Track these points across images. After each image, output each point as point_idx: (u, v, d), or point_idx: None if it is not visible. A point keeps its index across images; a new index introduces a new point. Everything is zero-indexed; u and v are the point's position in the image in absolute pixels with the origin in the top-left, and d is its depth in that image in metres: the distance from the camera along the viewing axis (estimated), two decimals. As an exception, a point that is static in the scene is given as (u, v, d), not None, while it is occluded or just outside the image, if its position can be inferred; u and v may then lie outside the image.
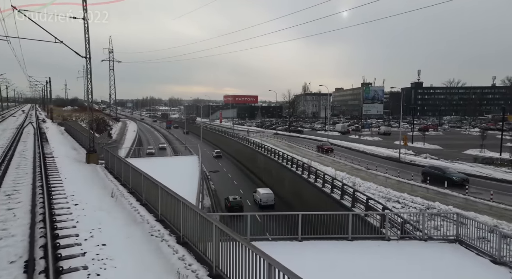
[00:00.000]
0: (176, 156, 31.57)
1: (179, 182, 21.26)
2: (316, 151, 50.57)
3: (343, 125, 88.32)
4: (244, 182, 44.64)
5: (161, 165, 27.71)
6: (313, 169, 27.49)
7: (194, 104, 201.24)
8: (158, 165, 27.74)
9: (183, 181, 20.90)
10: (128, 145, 58.78)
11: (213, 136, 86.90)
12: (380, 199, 21.71)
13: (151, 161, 29.60)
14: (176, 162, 29.59)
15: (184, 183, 19.97)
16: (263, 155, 44.64)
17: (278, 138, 70.83)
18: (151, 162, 28.82)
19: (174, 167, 26.79)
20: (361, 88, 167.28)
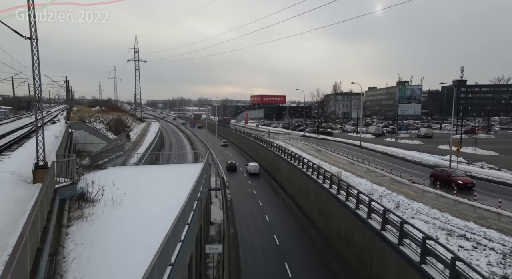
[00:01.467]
0: (180, 164, 27.08)
1: (163, 195, 17.58)
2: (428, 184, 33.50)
3: (377, 126, 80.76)
4: (265, 191, 39.55)
5: (157, 174, 23.44)
6: (344, 183, 21.89)
7: (221, 105, 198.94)
8: (154, 174, 23.52)
9: (170, 193, 17.70)
10: (145, 147, 55.77)
11: (236, 137, 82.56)
12: (437, 232, 15.84)
13: (148, 169, 25.35)
14: (177, 170, 25.19)
15: (169, 196, 16.74)
16: (286, 161, 39.34)
17: (305, 141, 65.03)
18: (146, 171, 24.61)
19: (170, 177, 22.40)
20: (396, 86, 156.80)
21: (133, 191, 18.17)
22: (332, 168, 33.42)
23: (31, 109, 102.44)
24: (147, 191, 18.18)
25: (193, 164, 25.89)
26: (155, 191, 18.33)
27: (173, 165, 27.14)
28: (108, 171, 24.23)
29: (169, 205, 14.38)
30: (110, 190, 17.06)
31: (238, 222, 29.16)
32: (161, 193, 17.87)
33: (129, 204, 15.62)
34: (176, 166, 26.70)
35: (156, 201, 16.32)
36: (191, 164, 26.73)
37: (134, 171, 24.73)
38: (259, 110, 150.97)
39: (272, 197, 36.92)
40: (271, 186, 42.07)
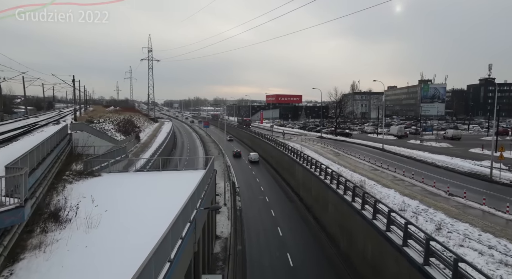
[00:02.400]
0: (183, 171, 24.17)
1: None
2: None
3: (399, 127, 75.92)
4: (278, 199, 36.28)
5: (153, 183, 20.69)
6: (369, 196, 18.40)
7: (236, 105, 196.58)
8: (150, 183, 20.78)
9: (161, 209, 14.74)
10: (154, 148, 53.50)
11: (249, 138, 79.51)
12: (499, 269, 12.21)
13: (146, 177, 22.57)
14: (179, 178, 22.32)
15: (160, 212, 13.88)
16: (301, 166, 35.94)
17: (322, 143, 61.27)
18: (142, 179, 21.87)
19: (168, 187, 19.58)
20: (418, 85, 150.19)
21: (117, 206, 15.35)
22: (353, 175, 29.84)
23: (51, 109, 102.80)
24: (134, 207, 15.29)
25: (199, 171, 22.90)
26: (143, 207, 15.40)
27: (176, 172, 24.26)
28: (100, 179, 21.62)
29: (156, 227, 11.36)
30: (90, 205, 14.31)
31: (247, 234, 26.07)
32: (150, 210, 14.95)
33: (107, 226, 12.73)
34: (178, 173, 23.79)
35: (140, 221, 13.38)
36: (197, 170, 23.75)
37: (129, 179, 22.00)
38: (274, 110, 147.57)
39: (286, 206, 33.63)
40: (285, 192, 38.75)
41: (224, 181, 36.96)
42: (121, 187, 19.59)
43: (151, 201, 16.59)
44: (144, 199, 16.96)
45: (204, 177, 19.30)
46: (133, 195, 17.74)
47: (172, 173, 24.00)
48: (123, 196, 17.46)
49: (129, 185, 20.33)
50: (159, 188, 19.69)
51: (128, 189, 19.34)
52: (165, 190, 19.22)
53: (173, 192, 18.42)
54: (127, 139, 55.14)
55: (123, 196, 17.57)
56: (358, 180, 26.87)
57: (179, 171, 24.25)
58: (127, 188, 19.46)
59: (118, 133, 57.50)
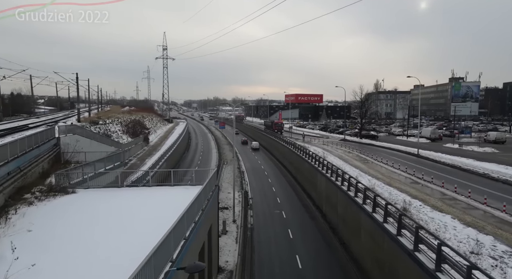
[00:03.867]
0: (175, 187, 19.36)
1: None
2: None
3: (433, 129, 68.57)
4: (296, 215, 31.00)
5: (135, 205, 16.11)
6: (423, 233, 12.96)
7: (253, 105, 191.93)
8: (132, 204, 16.29)
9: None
10: (162, 151, 49.39)
11: (267, 140, 74.35)
12: None
13: (130, 194, 17.89)
14: (172, 197, 17.59)
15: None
16: (324, 176, 30.51)
17: (346, 147, 55.33)
18: (123, 198, 17.30)
19: (151, 208, 14.98)
20: (449, 84, 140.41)
21: (58, 252, 10.65)
22: (390, 190, 24.22)
23: (73, 109, 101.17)
24: (82, 256, 10.49)
25: (196, 188, 18.04)
26: (99, 254, 10.63)
27: (167, 188, 19.48)
28: (71, 199, 17.19)
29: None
30: (21, 250, 9.73)
31: (258, 264, 21.03)
32: (106, 259, 10.16)
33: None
34: (169, 191, 19.05)
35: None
36: (194, 186, 18.90)
37: (105, 198, 17.41)
38: (293, 110, 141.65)
39: (307, 225, 28.32)
40: (305, 206, 33.42)
41: (233, 188, 32.04)
42: (88, 212, 15.04)
43: (115, 238, 11.87)
44: (105, 234, 12.26)
45: (198, 196, 14.48)
46: (95, 227, 13.08)
47: (162, 190, 19.24)
48: (80, 228, 12.84)
49: (100, 208, 15.75)
50: (137, 213, 14.96)
51: (96, 215, 14.75)
52: (144, 217, 14.46)
53: (154, 221, 13.65)
54: (134, 141, 51.24)
55: (81, 227, 12.95)
56: (400, 200, 21.27)
57: (172, 188, 19.46)
58: (95, 214, 14.87)
59: (125, 135, 53.82)
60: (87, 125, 46.14)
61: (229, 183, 44.11)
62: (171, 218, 10.81)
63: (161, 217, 13.72)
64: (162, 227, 9.85)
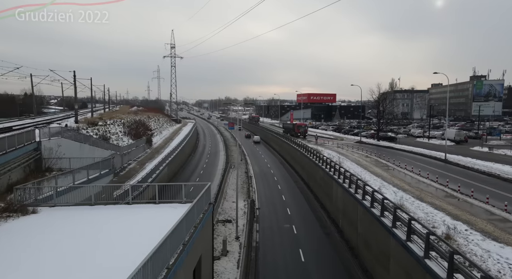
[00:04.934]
0: (160, 204, 15.78)
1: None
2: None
3: (458, 131, 63.43)
4: (309, 231, 27.09)
5: (107, 225, 12.82)
6: None
7: (264, 105, 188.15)
8: (104, 224, 12.95)
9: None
10: (165, 154, 46.16)
11: (277, 142, 70.47)
12: None
13: (101, 214, 14.37)
14: (151, 215, 14.06)
15: None
16: (340, 185, 26.49)
17: (363, 150, 51.00)
18: (94, 219, 13.86)
19: (125, 234, 11.56)
20: (470, 82, 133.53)
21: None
22: (424, 208, 20.08)
23: (84, 108, 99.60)
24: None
25: (185, 206, 14.40)
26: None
27: (152, 207, 15.92)
28: (30, 220, 13.88)
29: None
30: None
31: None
32: None
33: None
34: (154, 210, 15.50)
35: None
36: (183, 205, 15.29)
37: (74, 218, 14.05)
38: (305, 110, 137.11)
39: (321, 244, 24.41)
40: (318, 218, 29.46)
41: (237, 200, 28.34)
42: (45, 238, 11.76)
43: (73, 270, 8.46)
44: (59, 265, 8.85)
45: (183, 222, 10.97)
46: (49, 256, 9.68)
47: (145, 209, 15.68)
48: (30, 258, 9.47)
49: (63, 232, 12.38)
50: (107, 240, 11.55)
51: (54, 241, 11.42)
52: (115, 244, 11.09)
53: (128, 249, 10.30)
54: (135, 144, 48.16)
55: (32, 256, 9.58)
56: (439, 221, 17.17)
57: (157, 206, 15.88)
58: (53, 240, 11.55)
59: (127, 136, 50.83)
60: (84, 126, 43.33)
61: (235, 190, 40.47)
62: (149, 245, 8.70)
63: (137, 244, 10.56)
64: (137, 257, 7.97)
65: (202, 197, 14.93)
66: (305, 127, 73.60)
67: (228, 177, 45.78)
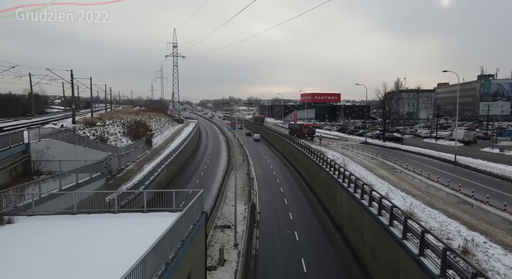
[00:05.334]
0: (148, 213, 14.48)
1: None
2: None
3: (467, 131, 61.61)
4: (312, 237, 25.67)
5: (86, 240, 11.40)
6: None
7: (267, 105, 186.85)
8: (82, 239, 11.51)
9: None
10: (164, 155, 44.95)
11: (279, 142, 69.03)
12: None
13: (82, 226, 13.06)
14: (137, 225, 12.75)
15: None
16: (345, 190, 25.03)
17: (368, 151, 49.42)
18: (72, 232, 12.57)
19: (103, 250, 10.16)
20: (477, 81, 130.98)
21: None
22: (436, 216, 18.58)
23: (87, 108, 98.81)
24: None
25: (174, 216, 13.07)
26: None
27: (139, 215, 14.63)
28: (5, 230, 12.63)
29: None
30: None
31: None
32: None
33: None
34: (145, 218, 14.22)
35: None
36: (173, 214, 13.97)
37: (53, 228, 12.79)
38: (309, 110, 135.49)
39: (325, 252, 22.99)
40: (321, 224, 28.00)
41: (235, 205, 26.99)
42: (19, 250, 10.47)
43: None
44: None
45: (170, 234, 9.72)
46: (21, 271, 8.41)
47: (131, 218, 14.38)
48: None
49: (39, 244, 11.11)
50: (86, 253, 10.24)
51: (29, 254, 10.12)
52: (93, 259, 9.75)
53: (108, 264, 8.96)
54: (134, 145, 46.99)
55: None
56: (454, 232, 15.68)
57: (144, 215, 14.59)
58: (28, 253, 10.24)
59: (126, 137, 49.70)
60: (82, 127, 42.25)
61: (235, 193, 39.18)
62: (130, 262, 7.71)
63: (117, 261, 9.33)
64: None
65: (192, 206, 13.61)
66: (312, 128, 70.68)
67: (229, 179, 44.44)
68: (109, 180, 35.36)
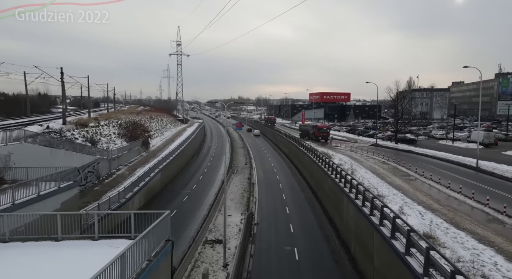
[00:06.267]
0: (100, 240, 11.47)
1: None
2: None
3: (487, 133, 57.15)
4: (314, 256, 22.42)
5: None
6: None
7: (274, 104, 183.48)
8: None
9: None
10: (162, 156, 42.16)
11: (285, 144, 65.71)
12: None
13: (16, 256, 10.15)
14: (80, 259, 9.76)
15: None
16: (352, 202, 21.70)
17: (379, 154, 45.79)
18: None
19: None
20: (495, 80, 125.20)
21: None
22: (463, 239, 15.19)
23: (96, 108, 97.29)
24: None
25: (127, 243, 10.06)
26: None
27: (91, 243, 11.69)
28: None
29: None
30: None
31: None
32: None
33: None
34: (94, 249, 11.23)
35: None
36: (130, 241, 10.96)
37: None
38: (318, 109, 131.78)
39: (330, 275, 19.71)
40: (326, 239, 24.73)
41: (224, 219, 23.92)
42: None
43: None
44: None
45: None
46: None
47: (77, 248, 11.36)
48: None
49: None
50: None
51: None
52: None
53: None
54: (128, 147, 44.36)
55: None
56: (488, 263, 12.30)
57: (94, 243, 11.61)
58: None
59: (121, 138, 47.15)
60: (71, 128, 39.79)
61: (233, 200, 36.05)
62: None
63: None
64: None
65: (151, 233, 10.55)
66: (327, 130, 64.27)
67: (228, 184, 41.46)
68: (96, 186, 32.94)
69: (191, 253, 21.61)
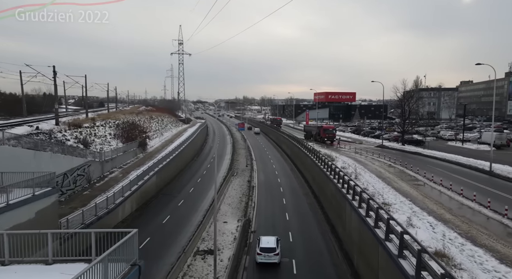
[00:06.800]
0: (54, 265, 9.73)
1: None
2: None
3: (499, 134, 54.61)
4: (314, 268, 20.56)
5: None
6: None
7: (278, 104, 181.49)
8: None
9: None
10: (159, 157, 40.53)
11: (288, 145, 63.80)
12: None
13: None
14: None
15: None
16: (355, 211, 19.79)
17: (385, 156, 43.70)
18: None
19: None
20: (505, 79, 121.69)
21: None
22: (482, 259, 13.26)
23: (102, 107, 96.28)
24: None
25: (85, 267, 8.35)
26: None
27: (43, 268, 10.01)
28: None
29: None
30: None
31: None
32: None
33: None
34: (46, 273, 9.51)
35: None
36: (92, 265, 9.25)
37: None
38: (323, 109, 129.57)
39: None
40: (328, 249, 22.83)
41: (215, 230, 22.17)
42: None
43: None
44: None
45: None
46: None
47: (26, 274, 9.70)
48: None
49: None
50: None
51: None
52: None
53: None
54: (123, 148, 42.82)
55: None
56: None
57: (47, 268, 9.89)
58: None
59: (116, 140, 45.65)
60: (64, 129, 38.35)
61: (231, 205, 34.26)
62: None
63: None
64: None
65: (108, 256, 8.78)
66: (333, 131, 61.65)
67: (227, 188, 39.72)
68: (86, 190, 31.39)
69: (179, 266, 19.90)
